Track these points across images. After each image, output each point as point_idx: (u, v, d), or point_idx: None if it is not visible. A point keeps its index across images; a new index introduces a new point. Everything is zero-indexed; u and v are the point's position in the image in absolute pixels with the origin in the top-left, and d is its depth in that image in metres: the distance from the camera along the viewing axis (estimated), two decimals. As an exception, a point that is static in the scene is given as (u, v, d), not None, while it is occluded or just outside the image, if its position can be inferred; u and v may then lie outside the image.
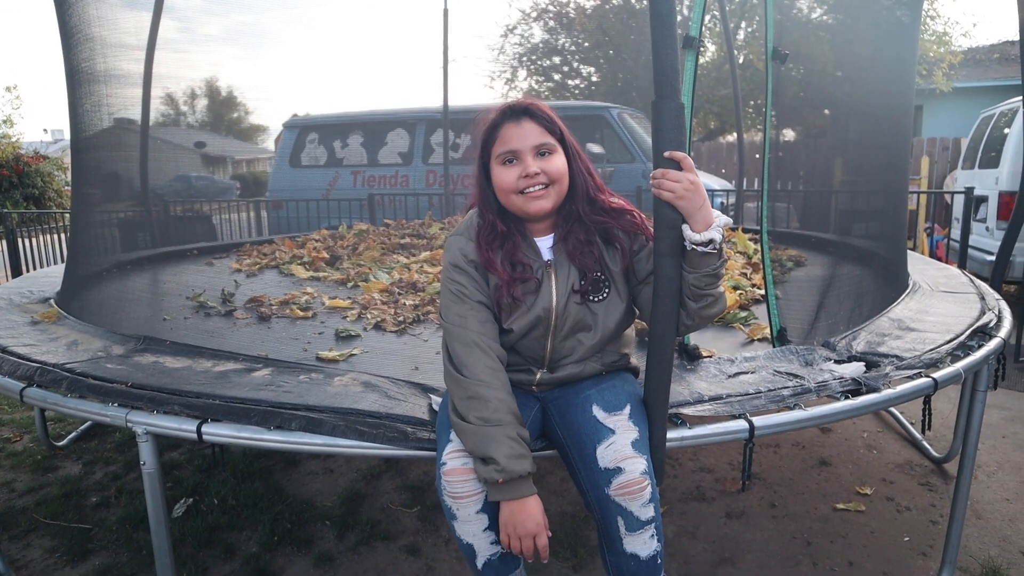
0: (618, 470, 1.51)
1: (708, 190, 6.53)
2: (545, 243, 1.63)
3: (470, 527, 1.53)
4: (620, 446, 1.52)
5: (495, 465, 1.44)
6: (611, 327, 1.64)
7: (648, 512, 1.51)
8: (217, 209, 8.42)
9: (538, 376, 1.68)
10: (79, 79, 3.30)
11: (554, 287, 1.60)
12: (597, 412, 1.58)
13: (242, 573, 2.58)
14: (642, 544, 1.52)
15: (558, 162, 1.54)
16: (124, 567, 2.64)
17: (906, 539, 2.75)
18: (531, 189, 1.52)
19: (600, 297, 1.61)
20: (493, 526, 1.53)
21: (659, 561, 1.56)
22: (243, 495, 3.10)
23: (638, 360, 1.76)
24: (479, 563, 1.56)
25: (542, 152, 1.53)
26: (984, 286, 3.12)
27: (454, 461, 1.51)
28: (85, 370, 2.12)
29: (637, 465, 1.50)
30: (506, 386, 1.54)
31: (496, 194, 1.58)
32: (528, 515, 1.47)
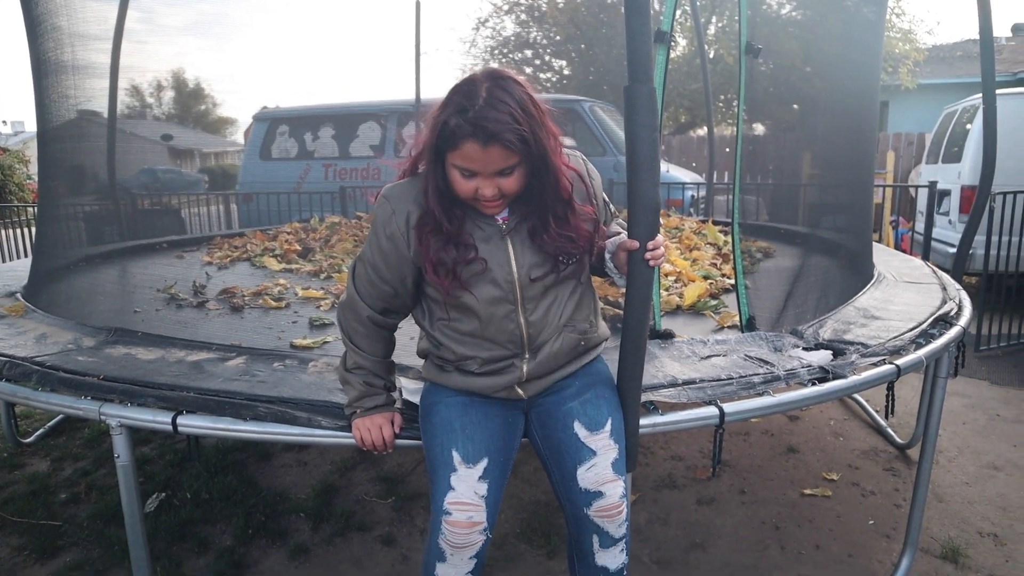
0: (599, 494, 1.56)
1: (679, 183, 6.59)
2: (501, 215, 1.53)
3: (454, 572, 1.53)
4: (601, 468, 1.56)
5: (349, 408, 1.67)
6: (579, 283, 1.60)
7: (622, 531, 1.60)
8: (186, 202, 8.30)
9: (525, 369, 1.58)
10: (45, 69, 3.24)
11: (512, 257, 1.49)
12: (579, 430, 1.58)
13: (217, 566, 2.57)
14: (612, 558, 1.61)
15: (517, 179, 1.41)
16: (96, 563, 2.62)
17: (871, 523, 2.82)
18: (486, 202, 1.43)
19: (565, 266, 1.53)
20: (476, 569, 1.55)
21: (625, 573, 1.65)
22: (216, 489, 3.09)
23: (608, 333, 1.74)
24: None
25: (504, 172, 1.39)
26: (946, 277, 3.20)
27: (459, 514, 1.49)
28: (56, 363, 2.09)
29: (616, 489, 1.57)
30: (382, 348, 1.65)
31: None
32: (374, 423, 1.65)
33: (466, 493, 1.50)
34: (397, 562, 2.60)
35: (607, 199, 1.69)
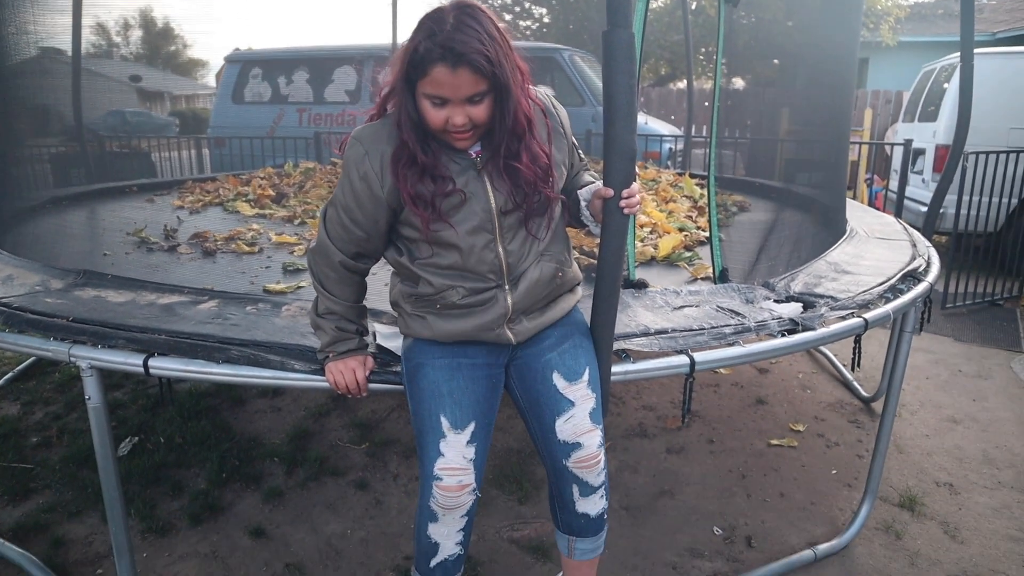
0: (577, 445, 1.62)
1: (657, 136, 6.56)
2: (473, 148, 1.52)
3: (446, 530, 1.59)
4: (579, 420, 1.61)
5: (321, 352, 1.67)
6: (552, 217, 1.58)
7: (600, 478, 1.67)
8: (156, 146, 8.12)
9: (509, 302, 1.54)
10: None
11: (489, 188, 1.49)
12: (558, 381, 1.61)
13: (191, 509, 2.59)
14: (592, 505, 1.70)
15: (486, 108, 1.40)
16: (69, 505, 2.63)
17: (833, 472, 2.91)
18: (457, 132, 1.42)
19: (536, 196, 1.52)
20: (467, 527, 1.61)
21: (605, 516, 1.74)
22: (190, 433, 3.09)
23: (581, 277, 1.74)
24: (433, 562, 1.62)
25: (473, 100, 1.38)
26: (916, 234, 3.25)
27: (450, 479, 1.53)
28: (23, 304, 2.05)
29: (594, 439, 1.62)
30: (353, 293, 1.65)
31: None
32: (347, 366, 1.65)
33: (455, 459, 1.54)
34: (370, 506, 2.64)
35: (575, 140, 1.68)
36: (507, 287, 1.55)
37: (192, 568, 2.31)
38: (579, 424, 1.61)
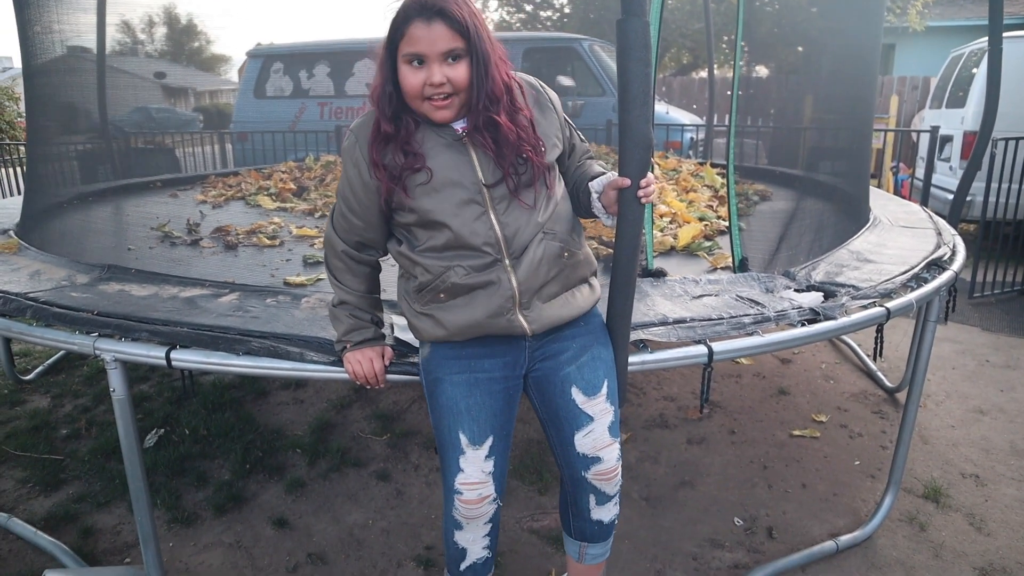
0: (596, 459, 1.65)
1: (678, 125, 6.51)
2: (458, 124, 1.52)
3: (472, 536, 1.67)
4: (598, 434, 1.64)
5: (339, 343, 1.69)
6: (548, 194, 1.56)
7: (616, 488, 1.71)
8: (180, 142, 8.20)
9: (514, 281, 1.50)
10: (25, 1, 3.16)
11: (475, 159, 1.48)
12: (576, 395, 1.62)
13: (215, 499, 2.63)
14: (606, 512, 1.74)
15: (464, 70, 1.42)
16: (98, 496, 2.68)
17: (856, 463, 2.88)
18: (435, 97, 1.43)
19: (523, 168, 1.50)
20: (492, 532, 1.69)
21: (615, 523, 1.79)
22: (214, 425, 3.14)
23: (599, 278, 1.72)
24: (463, 566, 1.71)
25: (451, 57, 1.41)
26: (942, 222, 3.19)
27: (470, 492, 1.60)
28: (50, 299, 2.10)
29: (613, 452, 1.66)
30: (364, 284, 1.67)
31: (401, 93, 1.46)
32: (364, 355, 1.67)
33: (475, 474, 1.60)
34: (391, 497, 2.66)
35: (570, 122, 1.68)
36: (507, 262, 1.50)
37: (217, 557, 2.34)
38: (599, 438, 1.64)
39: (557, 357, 1.62)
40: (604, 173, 1.63)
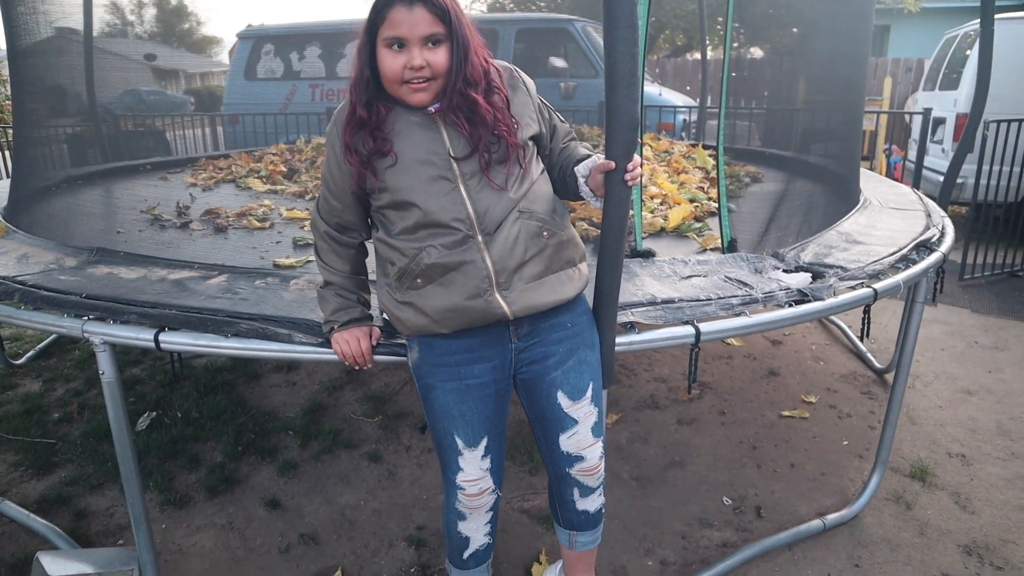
0: (580, 457, 1.71)
1: (671, 107, 6.47)
2: (433, 106, 1.52)
3: (475, 525, 1.75)
4: (582, 436, 1.69)
5: (326, 324, 1.70)
6: (524, 172, 1.55)
7: (599, 481, 1.78)
8: (170, 124, 8.14)
9: (488, 259, 1.48)
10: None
11: (446, 136, 1.49)
12: (562, 400, 1.65)
13: (208, 481, 2.64)
14: (591, 502, 1.80)
15: (444, 55, 1.43)
16: (91, 478, 2.69)
17: (845, 443, 2.91)
18: (414, 80, 1.43)
19: (495, 146, 1.50)
20: (493, 519, 1.78)
21: (602, 511, 1.85)
22: (206, 408, 3.14)
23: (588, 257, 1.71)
24: (466, 554, 1.78)
25: (431, 42, 1.42)
26: (931, 204, 3.20)
27: (471, 487, 1.68)
28: (38, 282, 2.09)
29: (595, 451, 1.72)
30: (349, 265, 1.68)
31: (379, 78, 1.47)
32: (352, 335, 1.67)
33: (473, 471, 1.67)
34: (383, 478, 2.68)
35: (548, 104, 1.70)
36: (480, 239, 1.48)
37: (209, 538, 2.36)
38: (582, 440, 1.70)
39: (544, 362, 1.64)
40: (590, 156, 1.63)
